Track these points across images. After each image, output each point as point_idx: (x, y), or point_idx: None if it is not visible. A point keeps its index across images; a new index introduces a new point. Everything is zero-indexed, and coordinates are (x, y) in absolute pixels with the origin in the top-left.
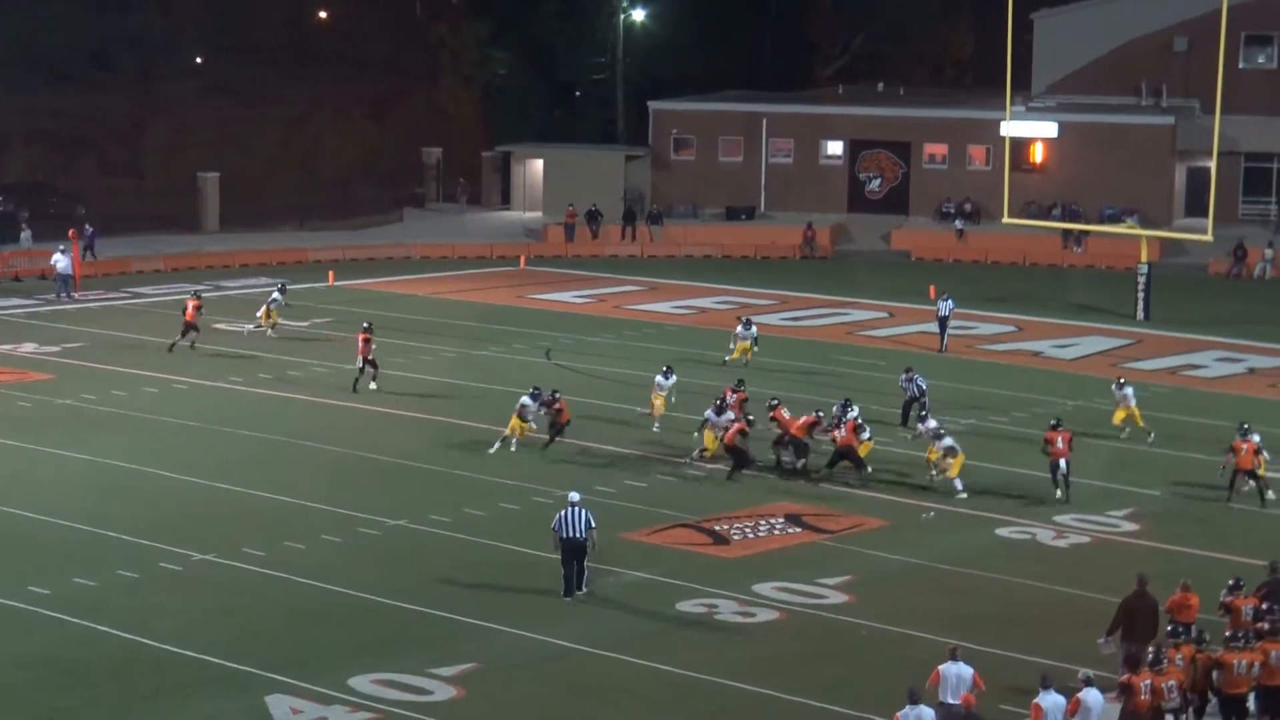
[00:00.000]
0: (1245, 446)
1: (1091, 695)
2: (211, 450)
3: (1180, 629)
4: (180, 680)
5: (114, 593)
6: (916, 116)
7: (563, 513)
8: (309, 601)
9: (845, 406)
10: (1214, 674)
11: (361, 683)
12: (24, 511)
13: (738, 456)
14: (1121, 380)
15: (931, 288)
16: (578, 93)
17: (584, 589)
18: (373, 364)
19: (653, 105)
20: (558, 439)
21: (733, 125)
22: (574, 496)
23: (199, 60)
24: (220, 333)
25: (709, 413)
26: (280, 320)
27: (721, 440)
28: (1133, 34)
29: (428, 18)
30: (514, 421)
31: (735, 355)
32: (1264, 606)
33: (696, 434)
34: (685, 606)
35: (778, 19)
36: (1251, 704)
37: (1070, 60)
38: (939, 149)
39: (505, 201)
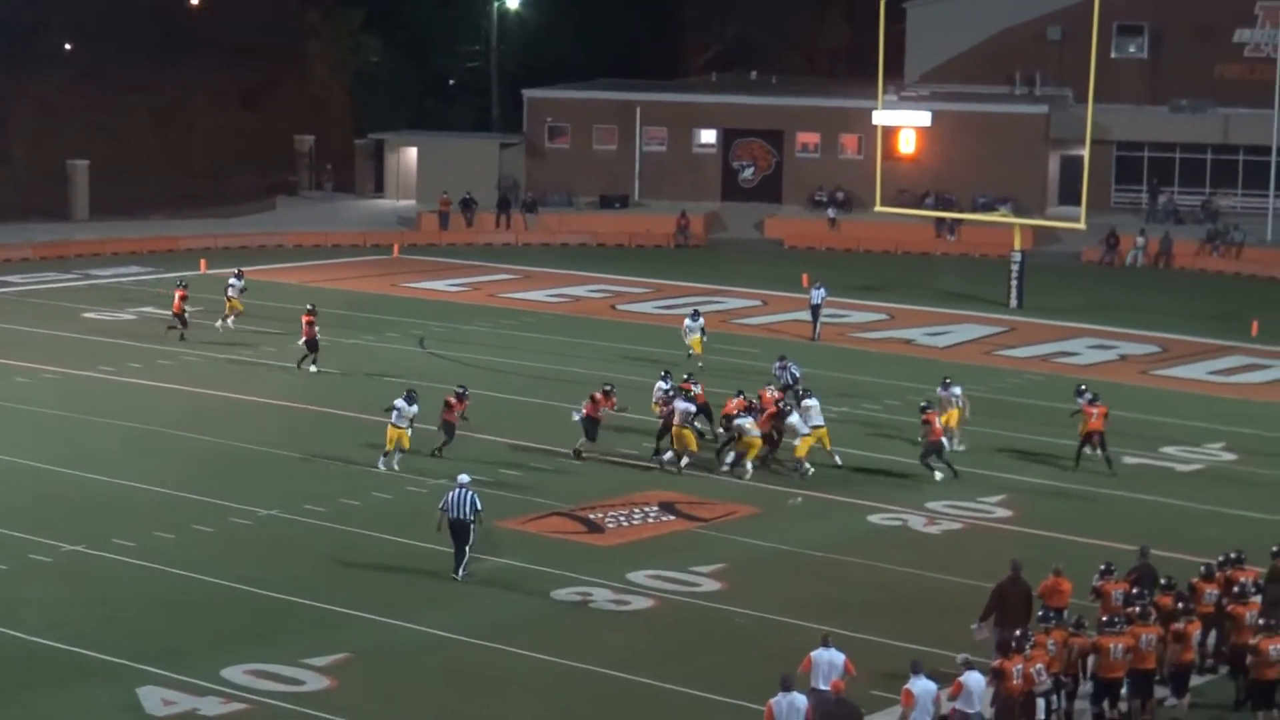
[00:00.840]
0: (1096, 411)
1: (973, 678)
2: (81, 440)
3: (1052, 614)
4: (50, 673)
5: None
6: (790, 105)
7: (451, 493)
8: (181, 592)
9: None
10: (1090, 658)
11: (235, 673)
12: None
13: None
14: (947, 380)
15: (805, 276)
16: (451, 81)
17: (460, 574)
18: (314, 346)
19: (527, 93)
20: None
21: (607, 113)
22: (463, 478)
23: (68, 47)
24: (92, 321)
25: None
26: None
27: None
28: (1006, 23)
29: (300, 5)
30: (390, 431)
31: (698, 351)
32: (1134, 591)
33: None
34: (560, 595)
35: (651, 7)
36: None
37: (944, 49)
38: (812, 138)
39: (379, 189)
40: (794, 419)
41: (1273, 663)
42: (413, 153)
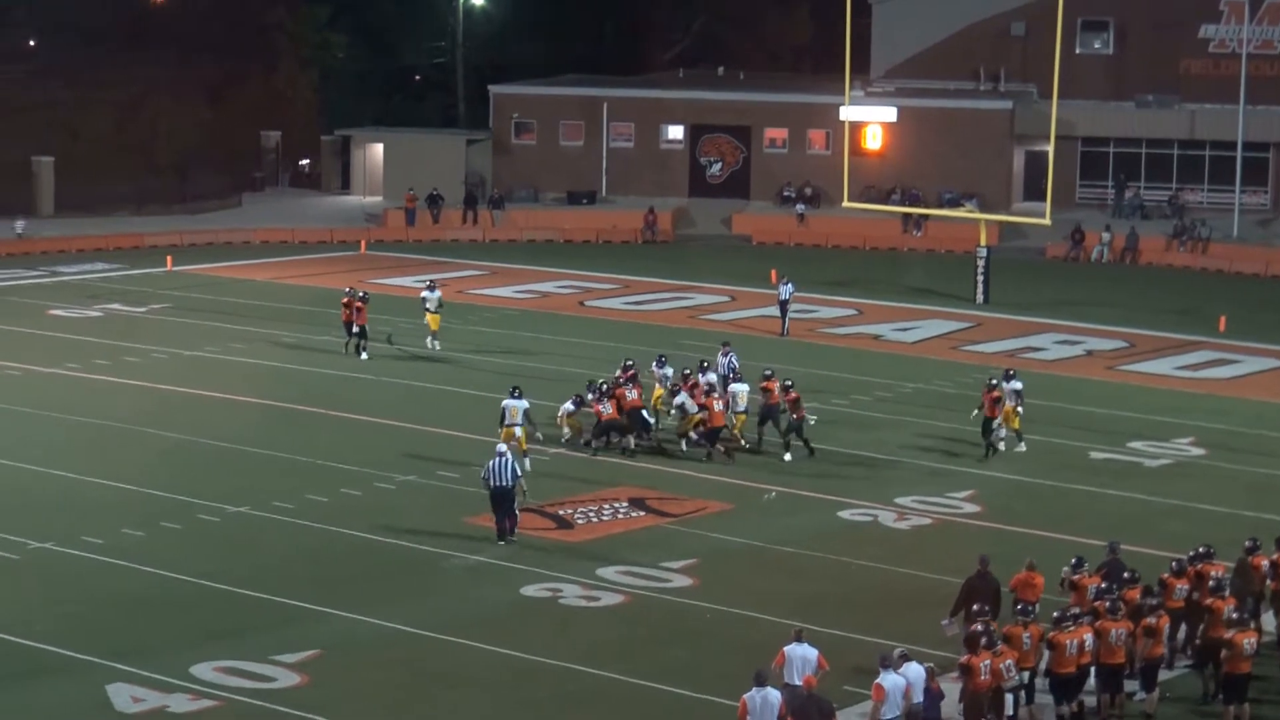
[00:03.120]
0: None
1: (912, 669)
2: (48, 437)
3: (1029, 607)
4: (18, 670)
5: None
6: (757, 101)
7: (491, 462)
8: (149, 589)
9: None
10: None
11: (204, 670)
12: None
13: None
14: (1010, 372)
15: (773, 272)
16: (418, 77)
17: (514, 535)
18: (363, 333)
19: (493, 89)
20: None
21: (573, 109)
22: (500, 447)
23: (31, 43)
24: (58, 319)
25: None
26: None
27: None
28: (971, 19)
29: (265, 0)
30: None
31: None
32: (1102, 585)
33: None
34: (530, 591)
35: (617, 3)
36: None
37: (909, 45)
38: (779, 133)
39: (345, 186)
40: (684, 399)
41: (1246, 656)
42: (379, 149)
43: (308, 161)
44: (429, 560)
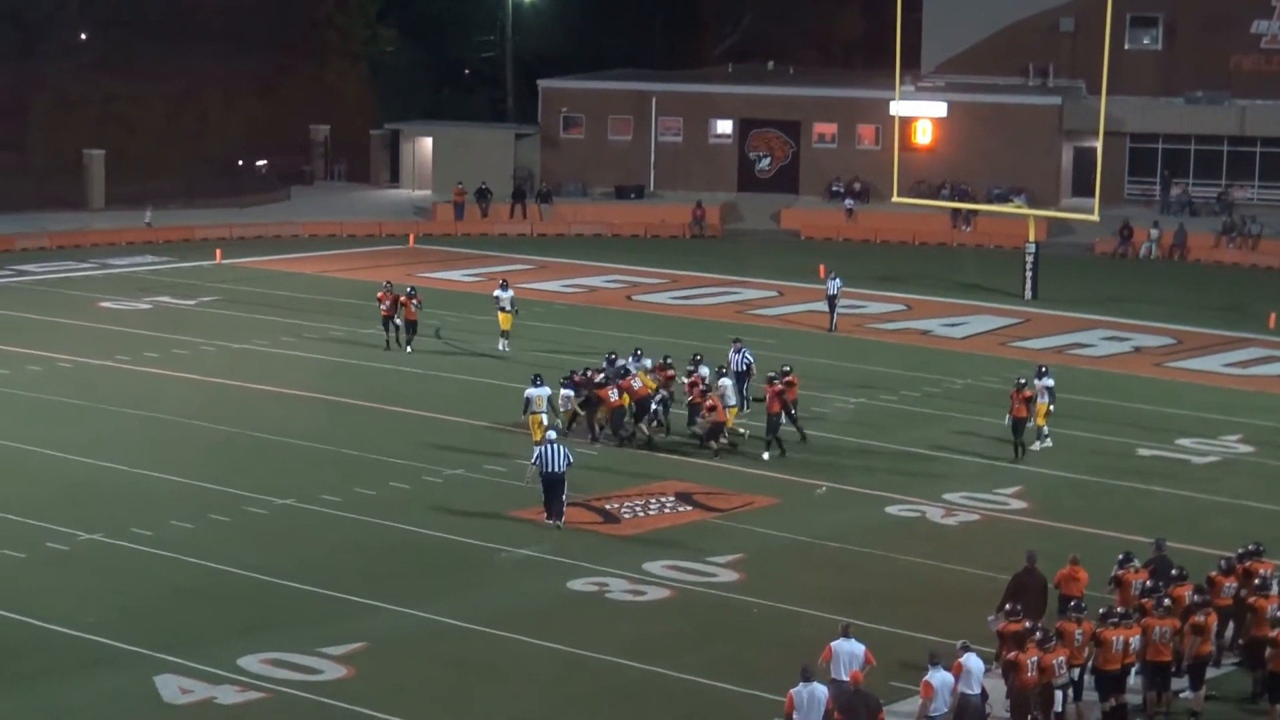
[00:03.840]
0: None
1: (971, 660)
2: (98, 429)
3: (1081, 603)
4: (68, 661)
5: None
6: (806, 96)
7: (541, 449)
8: (197, 581)
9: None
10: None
11: (251, 662)
12: None
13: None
14: (1043, 369)
15: (821, 267)
16: (467, 71)
17: (561, 521)
18: (412, 328)
19: (542, 83)
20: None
21: (622, 104)
22: (551, 434)
23: (83, 37)
24: (108, 311)
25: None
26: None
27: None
28: (1020, 15)
29: None
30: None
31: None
32: (1146, 584)
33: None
34: (576, 585)
35: None
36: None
37: (959, 40)
38: (828, 128)
39: (394, 179)
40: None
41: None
42: (428, 143)
43: (265, 163)
44: (475, 554)
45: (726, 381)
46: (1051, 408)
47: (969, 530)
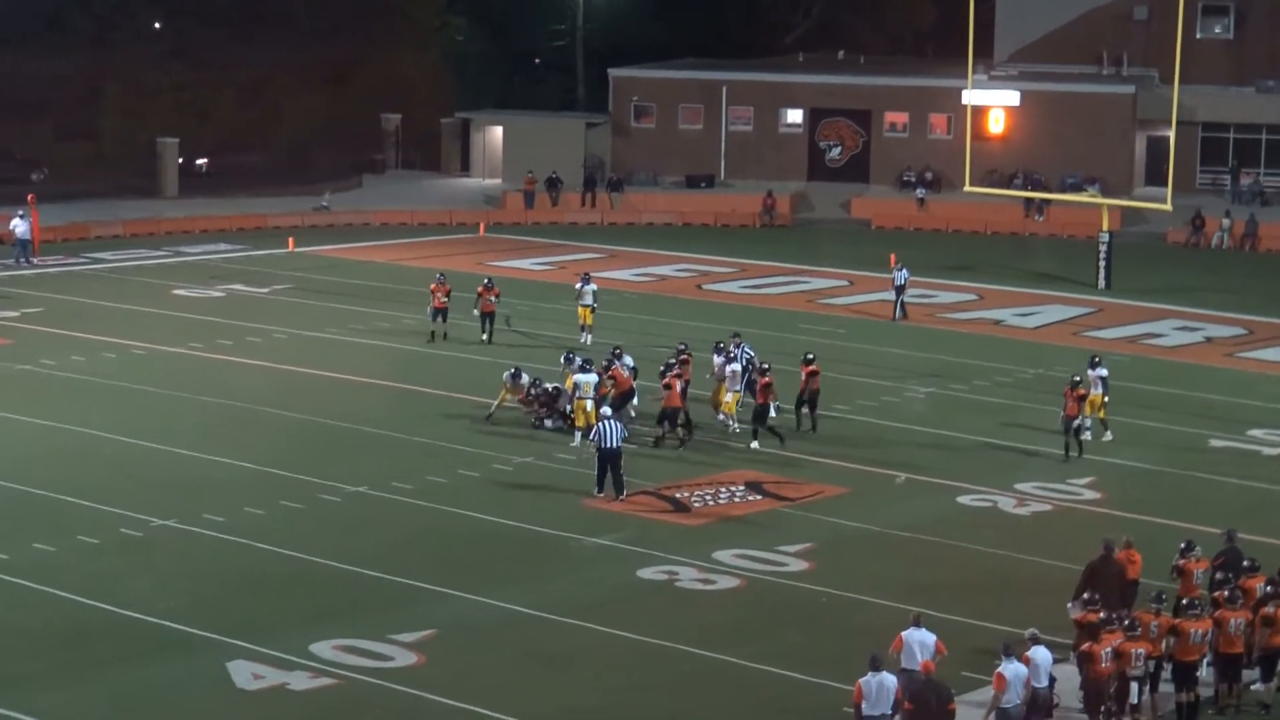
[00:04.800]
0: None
1: (1040, 652)
2: (171, 416)
3: (1162, 594)
4: (140, 646)
5: (73, 558)
6: (877, 85)
7: (600, 424)
8: (270, 567)
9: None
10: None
11: (323, 648)
12: None
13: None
14: (1095, 359)
15: (892, 256)
16: (537, 60)
17: (624, 494)
18: (490, 318)
19: (613, 73)
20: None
21: (693, 93)
22: (605, 411)
23: (156, 26)
24: (181, 299)
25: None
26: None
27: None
28: (1094, 4)
29: None
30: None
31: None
32: (1217, 576)
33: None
34: (646, 573)
35: None
36: (1203, 671)
37: (1032, 29)
38: (900, 117)
39: (465, 168)
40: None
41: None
42: (499, 132)
43: (204, 160)
44: (546, 542)
45: (735, 368)
46: (1106, 399)
47: (1041, 520)
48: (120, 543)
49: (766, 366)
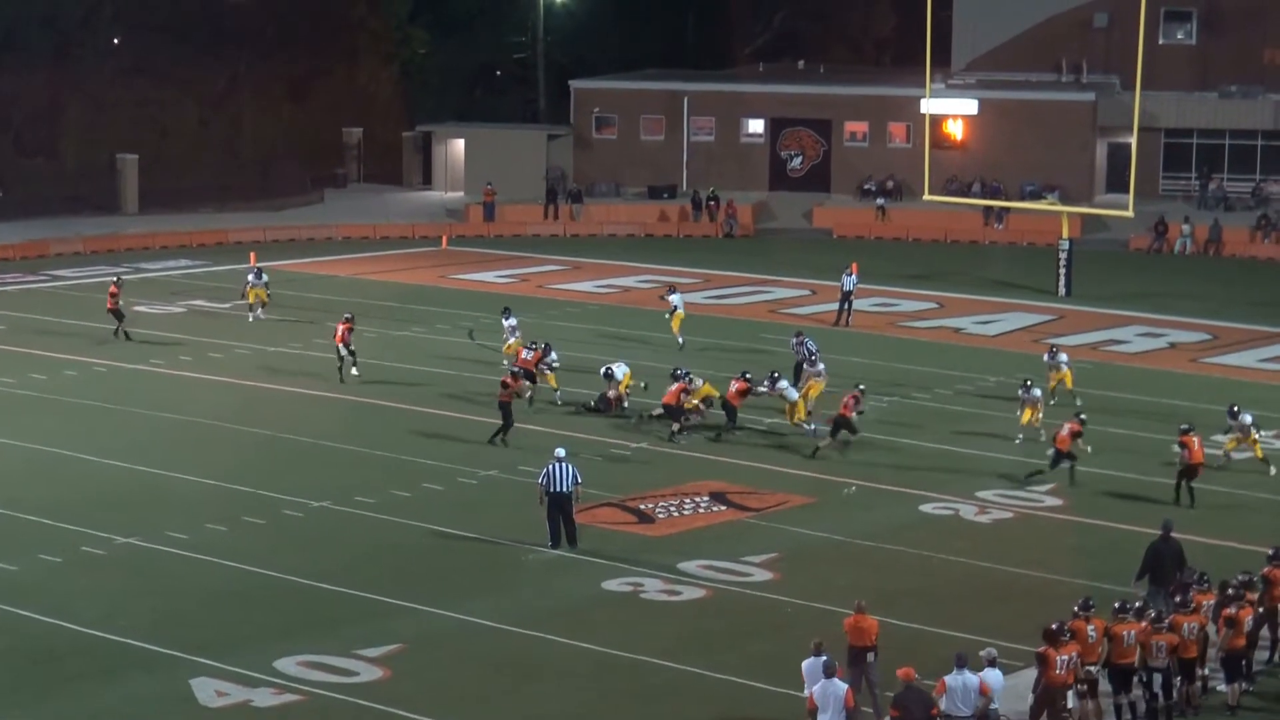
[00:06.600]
0: (1196, 440)
1: (992, 675)
2: (133, 433)
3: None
4: (103, 664)
5: (35, 576)
6: (837, 94)
7: (549, 467)
8: (232, 584)
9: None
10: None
11: (287, 665)
12: None
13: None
14: (1054, 348)
15: (854, 265)
16: (498, 72)
17: (575, 543)
18: (351, 351)
19: (574, 84)
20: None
21: (654, 104)
22: (559, 452)
23: (116, 41)
24: (142, 315)
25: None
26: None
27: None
28: (1053, 10)
29: None
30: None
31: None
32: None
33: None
34: (611, 585)
35: None
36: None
37: (990, 37)
38: (860, 127)
39: (426, 181)
40: (785, 384)
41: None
42: (460, 144)
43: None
44: (510, 555)
45: (785, 384)
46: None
47: (1002, 527)
48: (82, 561)
49: (862, 388)
